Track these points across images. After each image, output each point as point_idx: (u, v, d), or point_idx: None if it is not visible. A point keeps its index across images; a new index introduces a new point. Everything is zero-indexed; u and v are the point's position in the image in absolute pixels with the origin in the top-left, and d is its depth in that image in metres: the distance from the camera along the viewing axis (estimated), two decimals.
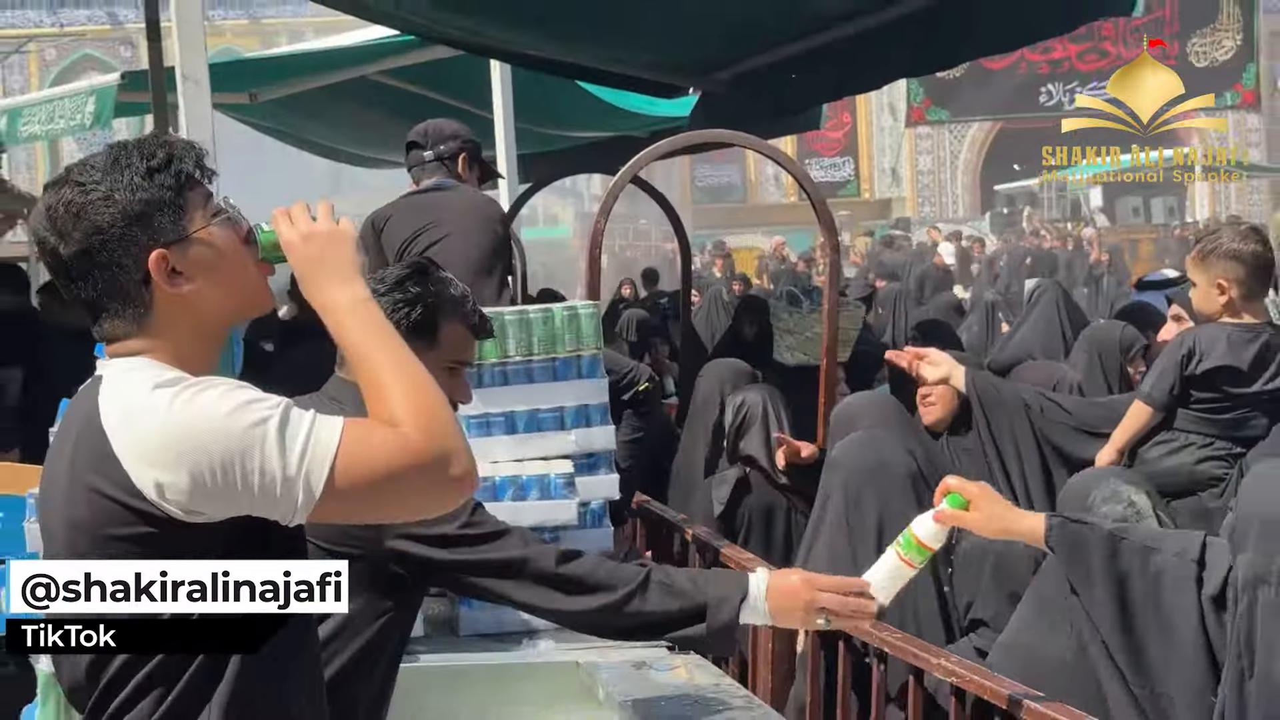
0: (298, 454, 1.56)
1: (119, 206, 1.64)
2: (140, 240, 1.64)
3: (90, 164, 1.70)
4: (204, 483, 1.58)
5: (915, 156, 29.82)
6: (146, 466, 1.59)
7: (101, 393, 1.66)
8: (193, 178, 1.69)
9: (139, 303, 1.67)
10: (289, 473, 1.55)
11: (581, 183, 7.91)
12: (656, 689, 3.12)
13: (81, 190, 1.64)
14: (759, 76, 6.13)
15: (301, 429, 1.58)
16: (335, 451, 1.55)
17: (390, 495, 1.65)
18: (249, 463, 1.57)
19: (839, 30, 5.48)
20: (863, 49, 5.59)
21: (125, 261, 1.65)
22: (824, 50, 5.72)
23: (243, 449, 1.56)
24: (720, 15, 5.50)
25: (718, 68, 6.19)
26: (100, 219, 1.64)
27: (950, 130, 28.98)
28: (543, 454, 3.42)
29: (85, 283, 1.67)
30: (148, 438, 1.60)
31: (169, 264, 1.64)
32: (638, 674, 3.23)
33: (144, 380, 1.64)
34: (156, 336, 1.69)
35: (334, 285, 1.71)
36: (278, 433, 1.55)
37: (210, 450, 1.57)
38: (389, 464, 1.58)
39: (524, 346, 3.42)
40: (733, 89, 6.26)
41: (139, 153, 1.67)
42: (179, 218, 1.66)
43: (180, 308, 1.68)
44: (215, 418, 1.58)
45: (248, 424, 1.56)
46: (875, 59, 5.74)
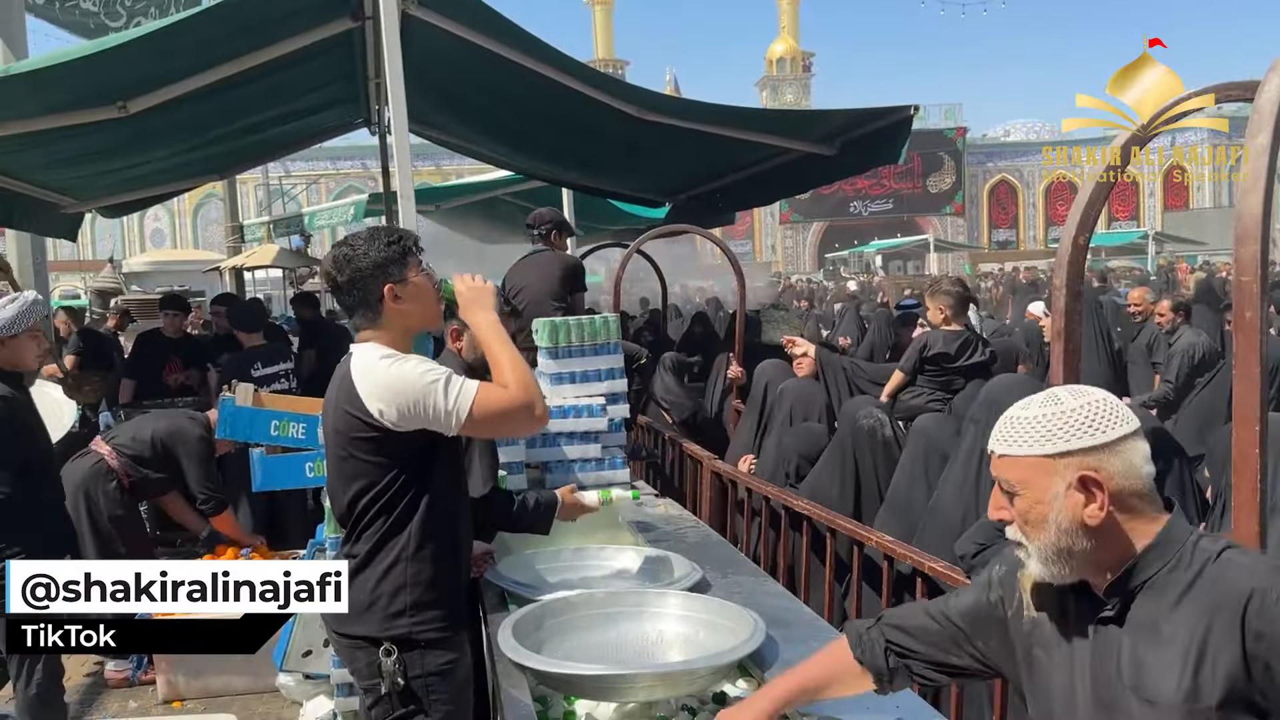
0: (454, 399, 2.33)
1: (370, 259, 2.43)
2: (380, 278, 2.43)
3: (358, 235, 2.50)
4: (404, 410, 2.35)
5: (784, 240, 49.80)
6: (374, 400, 2.38)
7: (352, 359, 2.48)
8: (411, 249, 2.47)
9: (376, 312, 2.47)
10: (449, 408, 2.34)
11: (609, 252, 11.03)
12: (649, 516, 4.11)
13: (351, 249, 2.45)
14: (703, 197, 8.54)
15: (455, 385, 2.33)
16: (474, 399, 2.33)
17: (501, 423, 2.46)
18: (427, 401, 2.34)
19: (744, 174, 7.81)
20: (757, 184, 7.90)
21: (371, 288, 2.44)
22: (737, 184, 8.06)
23: (424, 393, 2.35)
24: (682, 168, 7.92)
25: (680, 191, 8.73)
26: (361, 265, 2.44)
27: (801, 226, 49.38)
28: (590, 394, 4.42)
29: (350, 298, 2.47)
30: (375, 384, 2.39)
31: (394, 293, 2.44)
32: (639, 508, 4.15)
33: (374, 353, 2.45)
34: (383, 330, 2.49)
35: (481, 313, 2.57)
36: (444, 387, 2.33)
37: (407, 393, 2.34)
38: (502, 407, 2.38)
39: (579, 336, 4.47)
40: (689, 203, 8.71)
41: (384, 232, 2.49)
42: (402, 269, 2.43)
43: (397, 317, 2.48)
44: (410, 376, 2.35)
45: (428, 381, 2.34)
46: (763, 189, 8.21)
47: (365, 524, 2.50)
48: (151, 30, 4.66)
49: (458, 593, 2.64)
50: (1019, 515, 1.64)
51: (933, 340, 5.56)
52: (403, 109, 4.51)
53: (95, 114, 5.36)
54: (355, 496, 2.49)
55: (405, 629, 2.50)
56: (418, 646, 2.51)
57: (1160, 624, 1.56)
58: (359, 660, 2.57)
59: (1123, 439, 1.59)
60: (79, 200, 8.09)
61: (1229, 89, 2.11)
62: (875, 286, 26.19)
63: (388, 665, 2.48)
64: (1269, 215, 1.86)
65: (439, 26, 4.96)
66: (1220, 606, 1.50)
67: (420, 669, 2.52)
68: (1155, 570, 1.58)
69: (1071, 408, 1.61)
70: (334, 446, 2.54)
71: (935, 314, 5.71)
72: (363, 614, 2.51)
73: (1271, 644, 1.45)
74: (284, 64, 5.51)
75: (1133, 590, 1.60)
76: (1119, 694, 1.58)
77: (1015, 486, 1.63)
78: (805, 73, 50.48)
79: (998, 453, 1.66)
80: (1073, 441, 1.58)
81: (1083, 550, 1.60)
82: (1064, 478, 1.59)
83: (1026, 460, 1.61)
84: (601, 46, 49.67)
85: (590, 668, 2.41)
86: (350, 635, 2.57)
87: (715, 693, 2.59)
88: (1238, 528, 1.83)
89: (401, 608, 2.50)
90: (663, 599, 2.79)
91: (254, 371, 6.42)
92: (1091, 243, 10.06)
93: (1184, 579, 1.56)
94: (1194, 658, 1.51)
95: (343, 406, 2.45)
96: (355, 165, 40.19)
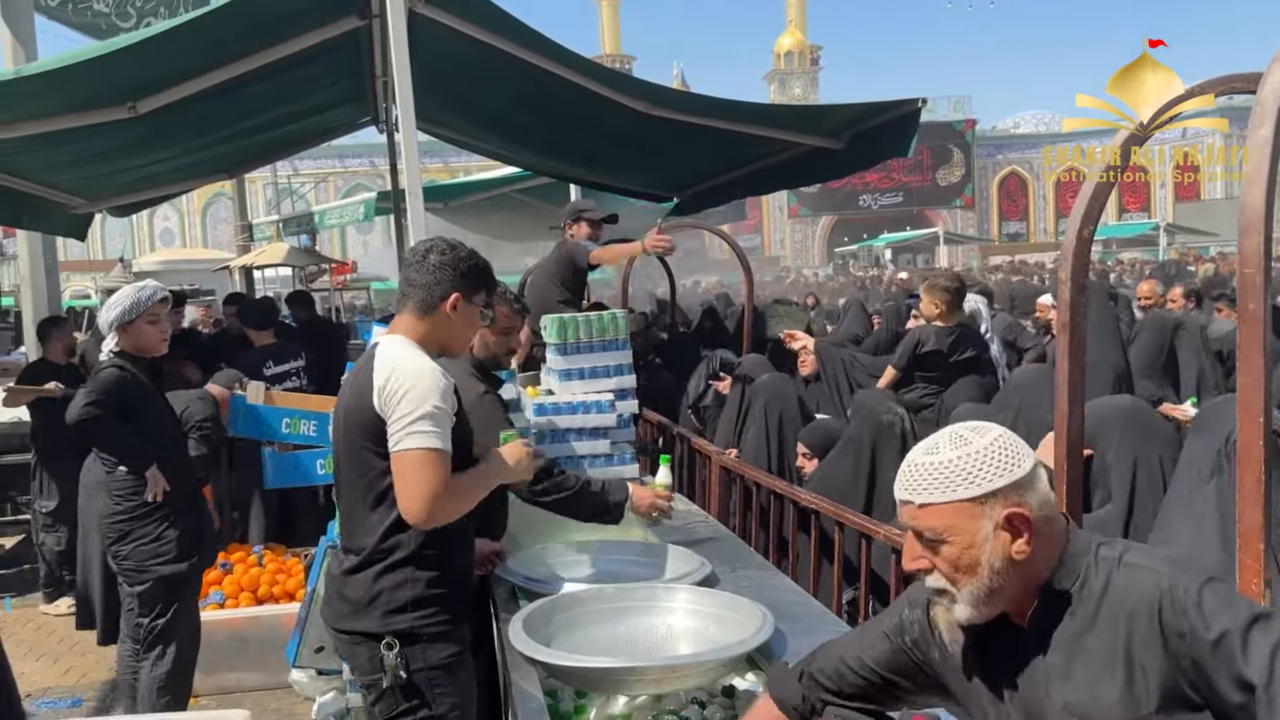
0: (412, 428, 2.43)
1: (464, 265, 2.67)
2: (456, 283, 2.65)
3: (468, 246, 2.73)
4: (385, 395, 2.50)
5: (792, 234, 50.03)
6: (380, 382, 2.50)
7: (379, 348, 2.61)
8: (491, 289, 2.78)
9: (431, 308, 2.65)
10: (400, 430, 2.43)
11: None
12: None
13: (456, 250, 2.69)
14: (710, 190, 8.49)
15: (424, 425, 2.42)
16: (419, 452, 2.41)
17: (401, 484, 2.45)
18: (401, 408, 2.46)
19: (752, 168, 7.66)
20: (765, 177, 7.82)
21: (445, 286, 2.65)
22: (744, 178, 7.98)
23: (406, 400, 2.46)
24: (690, 163, 7.86)
25: (688, 186, 8.63)
26: (453, 261, 2.66)
27: (810, 220, 49.79)
28: (599, 389, 4.33)
29: (421, 279, 2.65)
30: (390, 367, 2.53)
31: (456, 303, 2.65)
32: None
33: (403, 345, 2.61)
34: (420, 326, 2.67)
35: (505, 469, 2.76)
36: (420, 417, 2.42)
37: (400, 387, 2.48)
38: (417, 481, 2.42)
39: (588, 332, 4.39)
40: (696, 197, 8.65)
41: (482, 259, 2.72)
42: (474, 293, 2.68)
43: (440, 325, 2.67)
44: (422, 380, 2.49)
45: (419, 398, 2.45)
46: (771, 182, 8.22)
47: (367, 517, 2.53)
48: (160, 30, 4.69)
49: (461, 586, 2.64)
50: (947, 563, 1.60)
51: (925, 336, 5.60)
52: (410, 106, 4.54)
53: (105, 114, 5.39)
54: (364, 489, 2.52)
55: (407, 624, 2.51)
56: (420, 641, 2.52)
57: (1082, 641, 1.56)
58: (360, 656, 2.57)
59: (1035, 468, 1.58)
60: (89, 200, 8.13)
61: (1231, 82, 2.11)
62: (888, 280, 26.12)
63: (390, 659, 2.48)
64: (1272, 207, 1.87)
65: (445, 24, 4.99)
66: (1134, 613, 1.51)
67: (423, 663, 2.53)
68: (1068, 588, 1.58)
69: (981, 446, 1.58)
70: (344, 436, 2.59)
71: (930, 308, 5.75)
72: (364, 609, 2.52)
73: (1193, 639, 1.45)
74: (292, 63, 5.56)
75: (1051, 614, 1.59)
76: (1054, 718, 1.58)
77: (942, 534, 1.58)
78: (813, 66, 50.45)
79: (916, 503, 1.60)
80: (995, 480, 1.56)
81: (1010, 585, 1.59)
82: (990, 518, 1.56)
83: (950, 507, 1.57)
84: (609, 42, 49.69)
85: (600, 660, 2.43)
86: (351, 631, 2.58)
87: (725, 686, 2.62)
88: (1241, 520, 1.84)
89: (404, 603, 2.51)
90: (672, 593, 2.82)
91: (265, 370, 6.47)
92: (1103, 234, 10.22)
93: (1095, 591, 1.56)
94: (1122, 669, 1.51)
95: (358, 394, 2.52)
96: (363, 163, 40.50)
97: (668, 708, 2.56)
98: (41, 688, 5.28)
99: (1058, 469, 2.36)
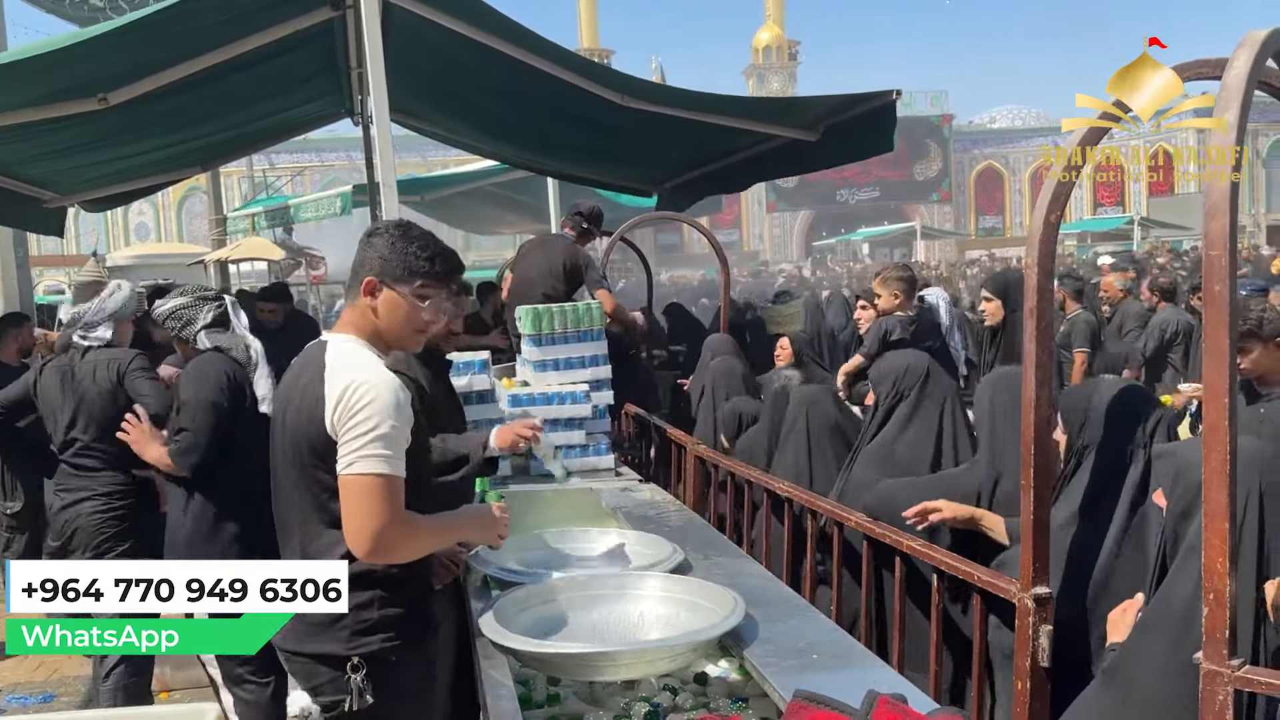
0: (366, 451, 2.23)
1: (381, 249, 2.44)
2: (373, 267, 2.43)
3: (422, 232, 2.50)
4: (339, 411, 2.28)
5: (771, 228, 49.45)
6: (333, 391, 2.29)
7: (327, 348, 2.41)
8: (432, 276, 2.45)
9: (353, 297, 2.46)
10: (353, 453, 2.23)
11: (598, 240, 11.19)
12: (634, 502, 4.14)
13: (390, 235, 2.44)
14: (688, 184, 8.38)
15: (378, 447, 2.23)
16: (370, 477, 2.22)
17: (347, 510, 2.26)
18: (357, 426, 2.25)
19: (730, 160, 7.55)
20: (740, 169, 7.64)
21: (361, 272, 2.44)
22: (720, 171, 7.83)
23: (363, 420, 2.25)
24: (666, 155, 7.81)
25: (667, 180, 8.51)
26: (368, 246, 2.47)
27: (788, 215, 49.16)
28: (574, 380, 4.69)
29: (352, 274, 2.48)
30: (346, 374, 2.31)
31: (372, 287, 2.42)
32: (623, 494, 4.26)
33: (352, 345, 2.43)
34: (357, 322, 2.46)
35: (466, 530, 2.69)
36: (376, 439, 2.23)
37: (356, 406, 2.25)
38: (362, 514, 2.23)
39: (563, 323, 4.75)
40: (675, 190, 8.55)
41: (433, 245, 2.48)
42: (401, 279, 2.42)
43: (368, 314, 2.44)
44: (379, 399, 2.26)
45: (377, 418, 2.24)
46: (746, 174, 7.86)
47: (321, 534, 2.32)
48: (130, 20, 4.62)
49: (427, 601, 2.50)
50: None
51: (891, 326, 5.93)
52: (384, 98, 4.54)
53: (75, 106, 5.34)
54: (314, 506, 2.32)
55: (376, 646, 2.33)
56: (388, 663, 2.34)
57: None
58: (320, 677, 2.37)
59: None
60: (61, 194, 8.03)
61: (1198, 67, 2.12)
62: (867, 274, 26.54)
63: (356, 681, 2.30)
64: (1237, 191, 1.88)
65: (420, 15, 4.96)
66: None
67: (390, 683, 2.36)
68: None
69: None
70: (290, 450, 2.36)
71: (889, 300, 6.06)
72: (327, 630, 2.32)
73: None
74: (265, 54, 5.53)
75: None
76: None
77: None
78: (791, 61, 50.41)
79: None
80: None
81: None
82: None
83: None
84: (586, 35, 49.49)
85: (571, 646, 2.44)
86: (312, 655, 2.37)
87: (697, 673, 2.62)
88: (1207, 500, 1.85)
89: (371, 623, 2.32)
90: (644, 580, 2.82)
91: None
92: (1078, 227, 10.52)
93: None
94: None
95: (308, 406, 2.30)
96: (341, 157, 40.13)
97: (640, 695, 2.56)
98: (11, 684, 5.25)
99: (1024, 452, 2.38)
